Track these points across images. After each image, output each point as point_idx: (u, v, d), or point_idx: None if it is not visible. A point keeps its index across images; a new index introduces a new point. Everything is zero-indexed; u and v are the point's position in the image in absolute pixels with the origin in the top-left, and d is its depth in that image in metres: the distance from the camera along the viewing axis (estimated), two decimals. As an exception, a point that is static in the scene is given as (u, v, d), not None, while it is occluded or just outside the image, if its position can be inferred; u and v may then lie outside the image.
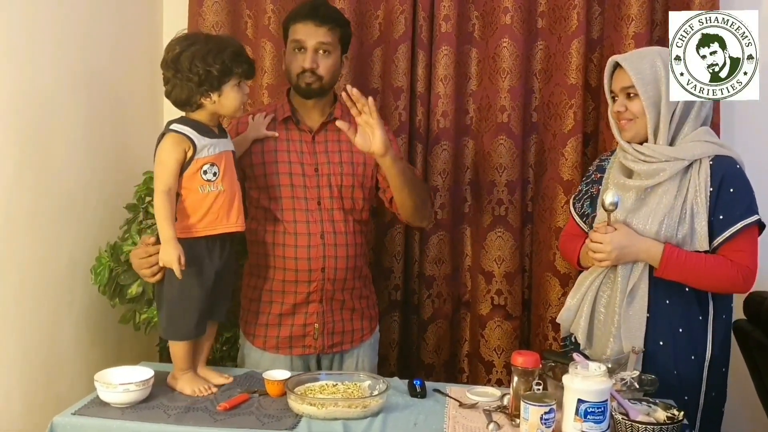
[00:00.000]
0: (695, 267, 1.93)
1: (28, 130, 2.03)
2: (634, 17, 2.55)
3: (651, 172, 1.98)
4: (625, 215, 1.98)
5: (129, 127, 2.53)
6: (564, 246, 2.28)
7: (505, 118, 2.67)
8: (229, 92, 1.89)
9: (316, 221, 2.17)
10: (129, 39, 2.56)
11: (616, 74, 2.06)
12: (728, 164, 1.98)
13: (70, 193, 2.25)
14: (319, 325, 2.20)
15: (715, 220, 1.94)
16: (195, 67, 1.84)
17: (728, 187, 1.95)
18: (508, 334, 2.73)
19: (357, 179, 2.22)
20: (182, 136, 1.86)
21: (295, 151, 2.21)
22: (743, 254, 1.94)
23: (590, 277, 2.06)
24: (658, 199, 1.97)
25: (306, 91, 2.18)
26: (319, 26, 2.15)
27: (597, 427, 1.62)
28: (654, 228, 1.95)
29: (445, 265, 2.75)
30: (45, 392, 2.12)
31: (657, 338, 1.97)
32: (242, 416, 1.78)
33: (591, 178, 2.21)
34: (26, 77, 2.02)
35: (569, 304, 2.10)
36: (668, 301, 1.97)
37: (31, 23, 2.04)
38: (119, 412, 1.78)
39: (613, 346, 1.97)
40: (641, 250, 1.94)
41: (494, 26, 2.68)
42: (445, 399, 1.93)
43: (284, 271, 2.17)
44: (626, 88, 2.01)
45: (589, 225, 2.14)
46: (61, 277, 2.21)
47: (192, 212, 1.88)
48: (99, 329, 2.39)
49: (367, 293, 2.32)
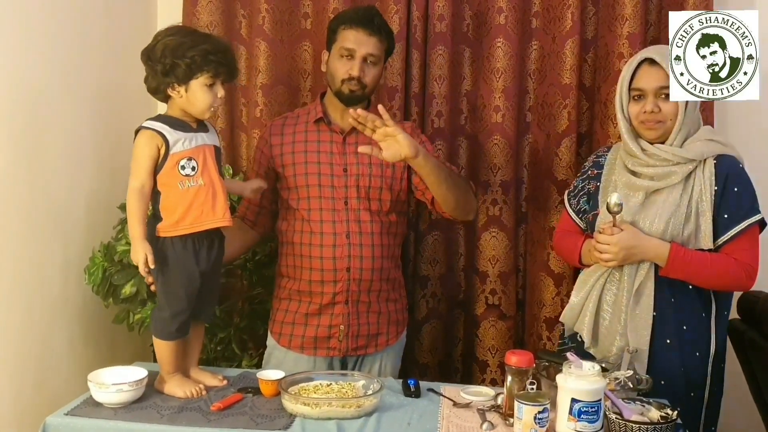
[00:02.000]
0: (700, 266, 1.94)
1: (20, 130, 2.02)
2: (628, 17, 2.55)
3: (662, 174, 1.98)
4: (632, 215, 1.98)
5: (122, 126, 2.51)
6: (560, 243, 2.27)
7: (500, 118, 2.67)
8: (197, 90, 1.86)
9: (342, 221, 2.18)
10: (123, 38, 2.56)
11: (646, 71, 2.00)
12: (732, 164, 1.99)
13: (64, 193, 2.24)
14: (344, 327, 2.21)
15: (719, 219, 1.95)
16: (164, 57, 1.84)
17: (732, 187, 1.96)
18: (502, 333, 2.73)
19: (386, 181, 2.22)
20: (153, 132, 1.84)
21: (325, 152, 2.22)
22: (747, 252, 1.96)
23: (594, 275, 2.05)
24: (664, 198, 1.97)
25: (349, 97, 2.19)
26: (370, 36, 2.17)
27: (591, 426, 1.63)
28: (661, 227, 1.95)
29: (440, 265, 2.75)
30: (38, 392, 2.11)
31: (664, 337, 1.97)
32: (236, 416, 1.78)
33: (587, 174, 2.20)
34: (19, 76, 2.01)
35: (573, 302, 2.09)
36: (673, 299, 1.98)
37: (23, 23, 2.03)
38: (112, 412, 1.78)
39: (619, 344, 1.98)
40: (648, 249, 1.94)
41: (488, 26, 2.69)
42: (439, 398, 1.93)
43: (311, 271, 2.19)
44: (663, 88, 1.96)
45: (586, 221, 2.14)
46: (55, 277, 2.20)
47: (174, 209, 1.86)
48: (92, 329, 2.39)
49: (395, 296, 2.31)
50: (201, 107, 1.89)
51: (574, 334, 2.12)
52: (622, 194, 2.00)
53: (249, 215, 2.34)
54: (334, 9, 2.65)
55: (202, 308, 1.98)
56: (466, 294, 2.79)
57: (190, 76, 1.85)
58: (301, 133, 2.26)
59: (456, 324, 2.81)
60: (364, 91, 2.20)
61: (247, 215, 2.34)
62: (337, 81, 2.19)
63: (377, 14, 2.25)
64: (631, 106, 2.03)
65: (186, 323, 1.93)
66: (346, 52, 2.17)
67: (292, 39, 2.74)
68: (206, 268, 1.91)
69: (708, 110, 2.56)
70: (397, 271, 2.34)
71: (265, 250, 2.57)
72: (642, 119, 2.01)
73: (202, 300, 1.96)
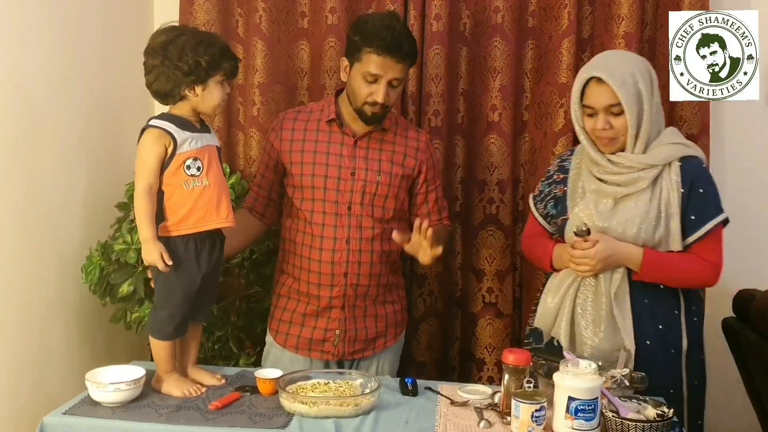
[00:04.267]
0: (672, 268, 1.99)
1: (17, 129, 2.02)
2: (624, 17, 2.56)
3: (628, 181, 2.01)
4: (603, 221, 2.01)
5: (119, 125, 2.53)
6: (529, 248, 2.28)
7: (496, 117, 2.68)
8: (213, 87, 1.86)
9: (344, 226, 2.17)
10: (120, 37, 2.56)
11: (595, 89, 2.00)
12: (696, 165, 2.03)
13: (61, 192, 2.24)
14: (340, 332, 2.20)
15: (686, 221, 1.99)
16: (185, 56, 1.81)
17: (698, 188, 2.00)
18: (499, 331, 2.74)
19: (392, 190, 2.21)
20: (161, 131, 1.83)
21: (335, 154, 2.19)
22: (713, 251, 2.02)
23: (567, 280, 2.06)
24: (634, 203, 2.00)
25: (370, 119, 2.15)
26: (398, 62, 2.08)
27: (587, 424, 1.63)
28: (632, 232, 1.98)
29: (437, 263, 2.74)
30: (35, 391, 2.11)
31: (643, 338, 1.99)
32: (234, 415, 1.78)
33: (553, 179, 2.21)
34: (15, 77, 2.01)
35: (548, 307, 2.09)
36: (647, 300, 2.02)
37: (19, 23, 2.02)
38: (110, 411, 1.77)
39: (600, 348, 1.99)
40: (623, 256, 1.98)
41: (485, 25, 2.69)
42: (436, 397, 1.93)
43: (309, 273, 2.19)
44: (611, 106, 1.97)
45: (554, 225, 2.15)
46: (52, 276, 2.20)
47: (178, 209, 1.85)
48: (90, 328, 2.38)
49: (393, 299, 2.30)
50: (215, 103, 1.89)
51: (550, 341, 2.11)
52: (591, 201, 2.04)
53: (257, 207, 2.32)
54: (331, 8, 2.65)
55: (200, 309, 1.98)
56: (463, 292, 2.79)
57: (209, 74, 1.85)
58: (312, 131, 2.22)
59: (453, 322, 2.82)
60: (385, 111, 2.15)
61: (255, 207, 2.32)
62: (358, 101, 2.13)
63: (407, 40, 2.13)
64: (586, 121, 2.05)
65: (183, 324, 1.93)
66: (371, 77, 2.08)
67: (289, 38, 2.74)
68: (207, 270, 1.91)
69: (704, 110, 2.57)
70: (396, 275, 2.33)
71: (262, 249, 2.57)
72: (596, 135, 2.04)
73: (201, 301, 1.95)
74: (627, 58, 2.10)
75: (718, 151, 2.64)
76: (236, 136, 2.79)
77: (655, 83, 2.00)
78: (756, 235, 2.69)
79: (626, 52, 2.27)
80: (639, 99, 1.96)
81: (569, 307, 2.04)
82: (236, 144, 2.79)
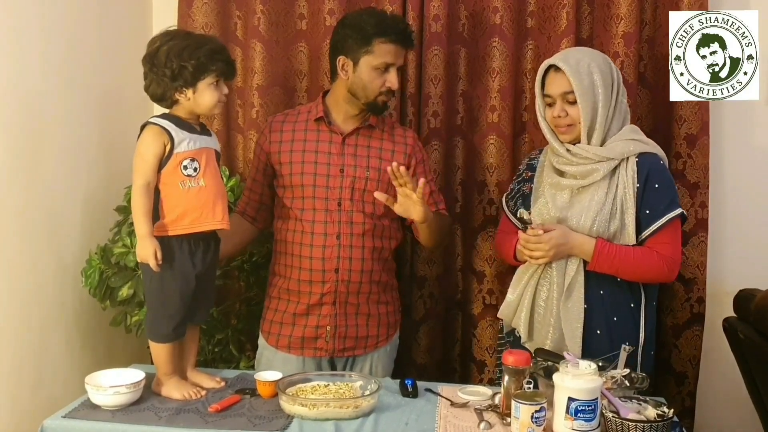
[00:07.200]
0: (624, 260, 2.02)
1: (16, 132, 2.02)
2: (623, 17, 2.56)
3: (585, 172, 2.06)
4: (559, 212, 2.06)
5: (118, 128, 2.52)
6: (499, 244, 2.34)
7: (496, 118, 2.68)
8: (205, 90, 1.88)
9: (335, 222, 2.19)
10: (119, 40, 2.56)
11: (552, 78, 2.09)
12: (653, 161, 2.07)
13: (60, 195, 2.24)
14: (331, 328, 2.21)
15: (642, 215, 2.03)
16: (170, 62, 1.84)
17: (653, 183, 2.04)
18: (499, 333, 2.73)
19: (382, 185, 2.22)
20: (160, 129, 1.85)
21: (323, 152, 2.22)
22: (668, 246, 2.05)
23: (528, 272, 2.12)
24: (590, 196, 2.05)
25: (382, 108, 2.22)
26: (405, 49, 2.21)
27: (587, 425, 1.63)
28: (587, 224, 2.03)
29: (437, 265, 2.75)
30: (35, 395, 2.11)
31: (594, 327, 2.04)
32: (233, 417, 1.78)
33: (522, 177, 2.27)
34: (14, 79, 2.01)
35: (509, 299, 2.16)
36: (602, 291, 2.06)
37: (18, 25, 2.02)
38: (110, 414, 1.78)
39: (552, 337, 2.06)
40: (575, 246, 2.03)
41: (484, 26, 2.69)
42: (436, 398, 1.93)
43: (300, 270, 2.20)
44: (566, 93, 2.05)
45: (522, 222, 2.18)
46: (52, 279, 2.20)
47: (173, 209, 1.86)
48: (89, 332, 2.38)
49: (386, 299, 2.31)
50: (209, 105, 1.90)
51: (512, 330, 2.20)
52: (549, 195, 2.10)
53: (249, 211, 2.35)
54: (330, 10, 2.65)
55: (198, 310, 1.98)
56: (464, 294, 2.79)
57: (197, 77, 1.86)
58: (300, 131, 2.26)
59: (453, 324, 2.81)
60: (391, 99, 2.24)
61: (247, 211, 2.35)
62: (372, 93, 2.17)
63: (408, 26, 2.28)
64: (547, 111, 2.12)
65: (181, 325, 1.93)
66: (384, 66, 2.15)
67: (287, 40, 2.73)
68: (201, 270, 1.91)
69: (704, 110, 2.56)
70: (389, 274, 2.34)
71: (261, 252, 2.57)
72: (554, 123, 2.10)
73: (198, 302, 1.96)
74: (587, 53, 2.15)
75: (718, 151, 2.63)
76: (235, 139, 2.79)
77: (616, 81, 2.06)
78: (756, 235, 2.69)
79: (591, 49, 2.29)
80: (593, 90, 2.02)
81: (530, 298, 2.10)
82: (235, 147, 2.79)
